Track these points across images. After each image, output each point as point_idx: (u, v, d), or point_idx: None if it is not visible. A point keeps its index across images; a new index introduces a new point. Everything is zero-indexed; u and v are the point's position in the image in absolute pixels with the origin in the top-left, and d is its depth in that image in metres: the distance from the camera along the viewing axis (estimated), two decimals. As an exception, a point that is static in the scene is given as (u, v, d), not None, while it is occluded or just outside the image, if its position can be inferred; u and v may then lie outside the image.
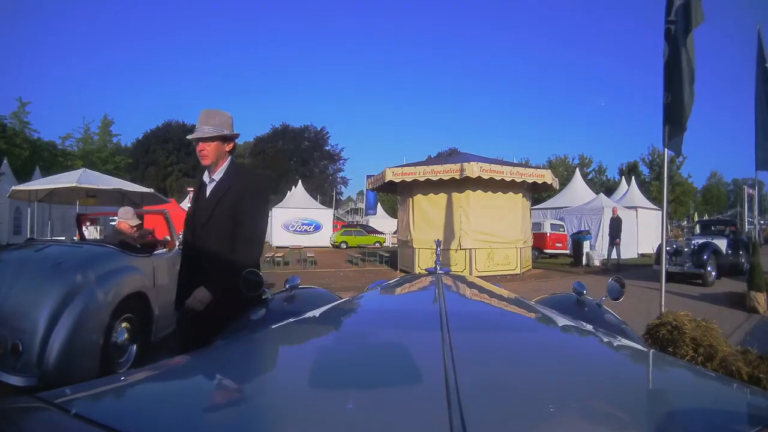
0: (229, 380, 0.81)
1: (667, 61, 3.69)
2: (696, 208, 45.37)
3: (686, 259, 9.38)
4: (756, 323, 5.81)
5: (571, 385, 0.72)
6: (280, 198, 29.82)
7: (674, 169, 35.57)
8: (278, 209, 24.32)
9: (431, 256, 9.90)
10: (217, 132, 2.04)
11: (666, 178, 4.22)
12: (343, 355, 0.90)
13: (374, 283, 2.49)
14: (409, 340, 0.96)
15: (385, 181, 11.05)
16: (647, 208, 18.27)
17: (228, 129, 2.09)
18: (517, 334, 1.09)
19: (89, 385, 0.74)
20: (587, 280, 4.94)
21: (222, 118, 2.08)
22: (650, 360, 1.03)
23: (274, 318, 1.39)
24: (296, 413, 0.63)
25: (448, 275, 1.85)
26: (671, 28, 3.65)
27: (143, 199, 10.12)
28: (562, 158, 46.02)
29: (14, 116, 22.45)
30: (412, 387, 0.69)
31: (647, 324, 3.30)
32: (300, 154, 50.11)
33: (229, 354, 1.02)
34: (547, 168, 16.26)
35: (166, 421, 0.62)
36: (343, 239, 23.95)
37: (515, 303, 1.48)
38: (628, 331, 1.73)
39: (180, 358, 0.98)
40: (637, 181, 22.32)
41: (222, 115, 2.09)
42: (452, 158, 13.57)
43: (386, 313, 1.36)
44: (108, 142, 28.92)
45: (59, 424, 0.60)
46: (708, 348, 2.80)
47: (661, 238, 4.57)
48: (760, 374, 2.45)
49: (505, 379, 0.75)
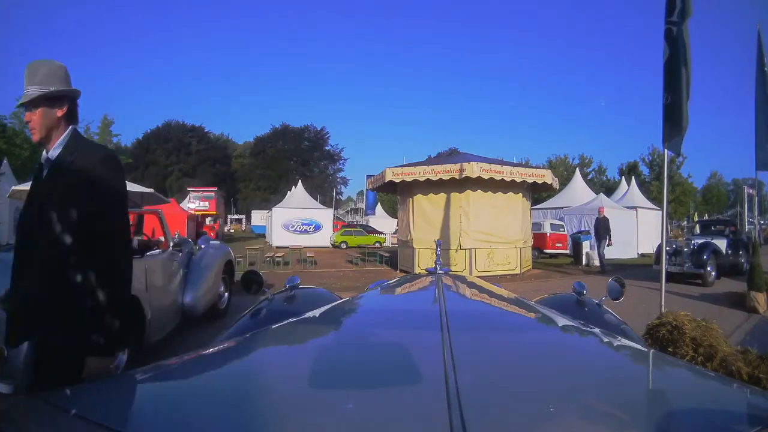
0: (229, 380, 0.81)
1: (667, 61, 3.70)
2: (696, 208, 45.37)
3: (686, 259, 9.38)
4: (756, 323, 5.80)
5: (571, 385, 0.72)
6: (280, 198, 29.81)
7: (674, 169, 35.58)
8: (278, 209, 24.32)
9: (431, 256, 9.90)
10: (42, 90, 1.41)
11: (666, 178, 4.22)
12: (343, 355, 0.90)
13: (374, 283, 2.49)
14: (409, 340, 0.96)
15: (385, 181, 11.04)
16: (647, 208, 18.27)
17: (56, 84, 1.44)
18: (517, 334, 1.09)
19: (89, 385, 0.74)
20: (587, 280, 4.94)
21: (48, 69, 1.45)
22: (650, 360, 1.03)
23: (274, 318, 1.39)
24: (296, 413, 0.63)
25: (448, 275, 1.85)
26: (672, 28, 3.65)
27: (143, 199, 10.12)
28: (562, 158, 46.06)
29: (14, 116, 22.42)
30: (412, 387, 0.69)
31: (647, 324, 3.31)
32: (300, 154, 50.12)
33: (229, 354, 1.02)
34: (547, 168, 16.26)
35: (166, 421, 0.62)
36: (343, 239, 23.95)
37: (515, 303, 1.48)
38: (628, 331, 1.73)
39: (180, 358, 0.98)
40: (637, 181, 22.32)
41: (49, 65, 1.46)
42: (452, 158, 13.57)
43: (386, 313, 1.36)
44: (108, 142, 28.92)
45: (59, 424, 0.60)
46: (708, 348, 2.80)
47: (661, 238, 4.57)
48: (760, 374, 2.45)
49: (505, 379, 0.75)
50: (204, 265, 5.16)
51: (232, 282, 6.17)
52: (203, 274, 5.00)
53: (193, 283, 4.77)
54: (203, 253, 5.38)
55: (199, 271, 4.99)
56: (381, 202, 35.02)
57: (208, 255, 5.41)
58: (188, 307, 4.60)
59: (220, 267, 5.56)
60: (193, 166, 47.81)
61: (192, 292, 4.69)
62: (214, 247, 5.84)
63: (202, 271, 5.03)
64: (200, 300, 4.75)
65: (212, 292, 5.19)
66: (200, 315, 4.78)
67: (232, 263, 6.31)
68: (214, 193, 28.94)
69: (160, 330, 3.89)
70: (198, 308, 4.70)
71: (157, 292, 3.84)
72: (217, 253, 5.70)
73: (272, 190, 46.76)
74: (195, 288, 4.75)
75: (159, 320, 3.82)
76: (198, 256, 5.21)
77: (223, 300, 5.81)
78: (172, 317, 4.29)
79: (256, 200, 46.50)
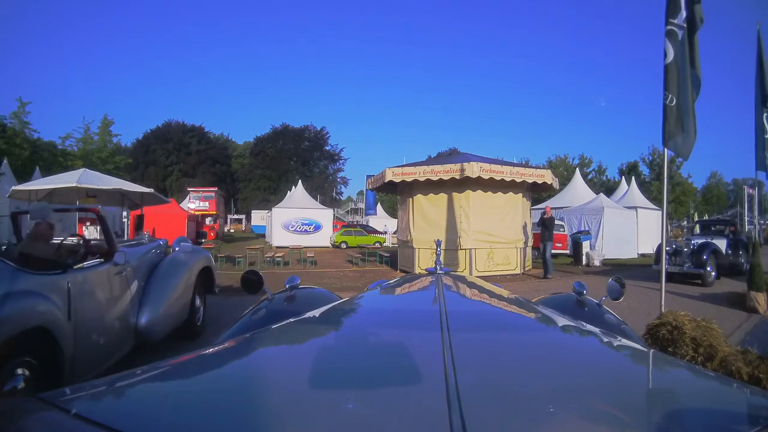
0: (229, 380, 0.81)
1: (669, 62, 3.69)
2: (696, 208, 45.39)
3: (685, 259, 9.38)
4: (756, 323, 5.81)
5: (571, 385, 0.72)
6: (280, 198, 29.81)
7: (674, 169, 35.58)
8: (278, 209, 24.33)
9: (431, 256, 9.90)
10: None
11: (666, 178, 4.22)
12: (344, 356, 0.90)
13: (374, 283, 2.49)
14: (409, 340, 0.96)
15: (385, 181, 11.05)
16: (647, 208, 18.27)
17: None
18: (517, 334, 1.09)
19: (89, 385, 0.74)
20: (587, 280, 4.94)
21: None
22: (650, 360, 1.02)
23: (274, 318, 1.39)
24: (297, 413, 0.63)
25: (448, 275, 1.85)
26: (674, 30, 3.65)
27: (143, 199, 10.12)
28: (562, 158, 46.04)
29: (14, 116, 22.42)
30: (412, 387, 0.69)
31: (647, 324, 3.31)
32: (300, 154, 50.14)
33: (229, 354, 1.02)
34: (547, 168, 16.26)
35: (166, 421, 0.62)
36: (343, 239, 23.96)
37: (515, 303, 1.48)
38: (628, 331, 1.73)
39: (180, 358, 0.98)
40: (637, 181, 22.32)
41: None
42: (452, 158, 13.58)
43: (386, 313, 1.36)
44: (108, 142, 28.88)
45: (59, 424, 0.60)
46: (708, 348, 2.81)
47: (661, 238, 4.57)
48: (760, 374, 2.45)
49: (505, 379, 0.75)
50: (169, 275, 4.25)
51: (209, 293, 5.36)
52: (167, 288, 4.09)
53: (152, 300, 3.87)
54: (171, 260, 4.51)
55: (161, 283, 4.08)
56: (381, 202, 35.00)
57: (176, 263, 4.50)
58: (143, 331, 3.69)
59: (191, 277, 4.63)
60: (193, 166, 47.81)
61: (150, 311, 3.78)
62: (185, 251, 4.84)
63: (166, 283, 4.12)
64: (159, 320, 3.84)
65: (179, 308, 4.27)
66: (160, 338, 3.89)
67: (211, 271, 5.31)
68: (214, 193, 28.98)
69: (89, 367, 3.00)
70: (156, 331, 3.81)
71: (85, 319, 2.96)
72: (189, 259, 4.75)
73: (272, 190, 46.80)
74: (154, 305, 3.84)
75: (86, 356, 2.96)
76: (164, 265, 4.34)
77: (199, 316, 4.97)
78: (115, 346, 3.39)
79: (256, 200, 46.53)
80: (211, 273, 5.30)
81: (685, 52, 3.61)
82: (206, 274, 5.14)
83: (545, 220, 11.08)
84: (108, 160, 25.82)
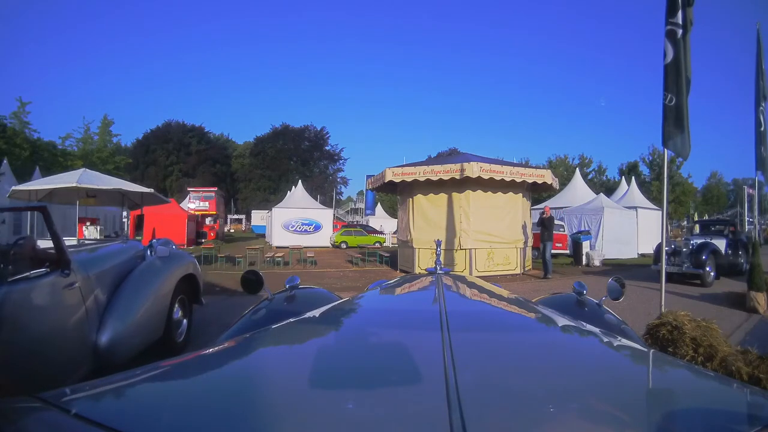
0: (230, 380, 0.81)
1: (669, 62, 3.69)
2: (696, 208, 45.40)
3: (685, 259, 9.37)
4: (756, 323, 5.81)
5: (571, 385, 0.72)
6: (280, 198, 29.80)
7: (674, 169, 35.58)
8: (278, 209, 24.33)
9: (431, 256, 9.90)
10: None
11: (666, 178, 4.22)
12: (343, 355, 0.90)
13: (374, 283, 2.49)
14: (409, 340, 0.96)
15: (385, 181, 11.04)
16: (647, 208, 18.28)
17: None
18: (517, 334, 1.09)
19: (89, 385, 0.74)
20: (587, 280, 4.95)
21: None
22: (650, 360, 1.02)
23: (274, 318, 1.39)
24: (297, 413, 0.63)
25: (448, 275, 1.85)
26: (674, 29, 3.65)
27: (143, 199, 10.12)
28: (562, 158, 46.05)
29: (14, 116, 22.46)
30: (412, 387, 0.69)
31: (647, 324, 3.31)
32: (300, 154, 50.17)
33: (229, 354, 1.02)
34: (547, 168, 16.25)
35: (166, 421, 0.62)
36: (343, 239, 23.96)
37: (515, 303, 1.48)
38: (628, 331, 1.73)
39: (180, 358, 0.98)
40: (637, 181, 22.32)
41: None
42: (452, 158, 13.57)
43: (386, 313, 1.36)
44: (108, 142, 28.90)
45: (59, 424, 0.60)
46: (708, 348, 2.81)
47: (661, 238, 4.57)
48: (760, 374, 2.45)
49: (506, 379, 0.75)
50: (140, 285, 3.64)
51: (194, 303, 4.68)
52: (135, 299, 3.50)
53: (116, 314, 3.29)
54: (144, 268, 3.89)
55: (129, 294, 3.48)
56: (381, 202, 34.99)
57: (149, 271, 3.89)
58: (104, 350, 3.12)
59: (169, 286, 4.03)
60: (193, 166, 47.85)
61: (112, 327, 3.21)
62: (162, 255, 4.24)
63: (134, 294, 3.53)
64: (124, 338, 3.26)
65: (152, 323, 3.69)
66: (126, 358, 3.29)
67: (195, 278, 4.63)
68: (214, 193, 28.98)
69: (34, 386, 2.04)
70: (120, 351, 3.22)
71: (25, 337, 2.52)
72: (166, 266, 4.13)
73: (272, 190, 46.82)
74: (118, 321, 3.27)
75: (28, 376, 2.49)
76: (135, 274, 3.74)
77: (181, 330, 4.34)
78: (62, 368, 2.86)
79: (256, 200, 46.56)
80: (195, 281, 4.65)
81: (680, 50, 3.61)
82: (190, 282, 4.51)
83: (545, 220, 11.08)
84: (108, 160, 25.84)
